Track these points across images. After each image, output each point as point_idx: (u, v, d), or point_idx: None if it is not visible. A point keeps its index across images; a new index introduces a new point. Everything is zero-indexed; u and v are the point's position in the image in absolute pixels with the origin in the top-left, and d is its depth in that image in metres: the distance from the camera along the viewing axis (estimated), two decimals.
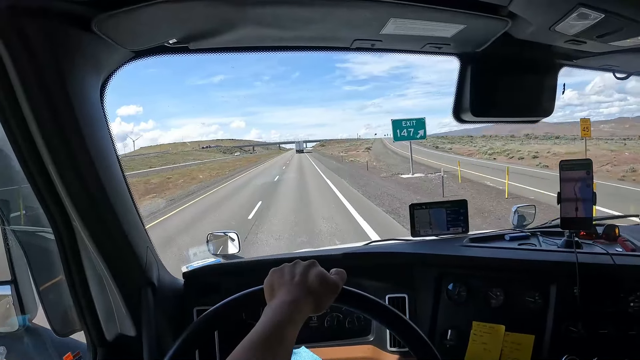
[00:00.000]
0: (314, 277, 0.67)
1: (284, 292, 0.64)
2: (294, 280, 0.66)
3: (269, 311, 0.61)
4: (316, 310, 0.65)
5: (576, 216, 1.13)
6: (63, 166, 0.79)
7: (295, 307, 0.61)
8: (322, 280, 0.67)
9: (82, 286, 0.98)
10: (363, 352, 1.28)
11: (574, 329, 1.08)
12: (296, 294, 0.63)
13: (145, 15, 0.73)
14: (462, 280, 1.21)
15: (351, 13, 0.80)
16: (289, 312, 0.60)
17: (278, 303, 0.62)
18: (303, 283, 0.65)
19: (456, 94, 1.04)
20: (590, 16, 0.75)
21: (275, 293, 0.66)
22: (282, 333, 0.56)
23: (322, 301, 0.66)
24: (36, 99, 0.72)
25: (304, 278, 0.66)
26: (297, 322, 0.60)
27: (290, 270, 0.69)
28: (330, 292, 0.67)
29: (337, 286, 0.68)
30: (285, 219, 9.29)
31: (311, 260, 0.71)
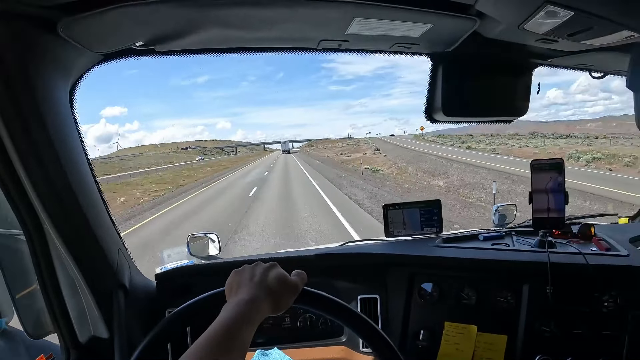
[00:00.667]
0: (273, 278, 0.67)
1: (242, 291, 0.64)
2: (253, 280, 0.66)
3: (225, 309, 0.61)
4: (275, 311, 0.65)
5: (548, 216, 1.13)
6: (32, 170, 0.79)
7: (252, 305, 0.61)
8: (281, 280, 0.67)
9: (55, 289, 0.98)
10: (336, 353, 1.28)
11: (547, 329, 1.08)
12: (254, 293, 0.63)
13: (111, 19, 0.73)
14: (434, 281, 1.21)
15: (315, 13, 0.80)
16: (245, 310, 0.60)
17: (235, 301, 0.62)
18: (262, 283, 0.65)
19: (428, 93, 1.05)
20: (558, 14, 0.75)
21: (234, 292, 0.66)
22: (237, 331, 0.56)
23: (281, 301, 0.66)
24: (3, 102, 0.72)
25: (263, 278, 0.66)
26: (253, 321, 0.60)
27: (250, 270, 0.69)
28: (290, 293, 0.67)
29: (297, 287, 0.69)
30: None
31: (272, 262, 0.71)
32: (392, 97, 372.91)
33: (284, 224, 9.11)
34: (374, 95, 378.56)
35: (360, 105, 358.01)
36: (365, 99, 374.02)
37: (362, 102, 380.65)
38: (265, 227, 8.83)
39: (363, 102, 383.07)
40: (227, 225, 9.12)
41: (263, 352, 1.15)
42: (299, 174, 25.10)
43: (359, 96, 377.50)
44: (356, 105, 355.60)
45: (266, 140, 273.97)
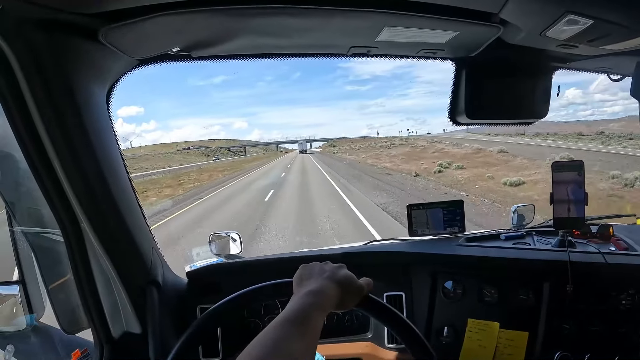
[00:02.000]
0: (342, 275, 0.69)
1: (313, 283, 0.66)
2: (324, 275, 0.68)
3: (295, 298, 0.63)
4: (340, 307, 0.67)
5: (568, 216, 1.15)
6: (71, 170, 0.82)
7: (322, 295, 0.63)
8: (349, 280, 0.69)
9: (90, 285, 1.01)
10: (362, 348, 1.31)
11: (566, 326, 1.11)
12: (324, 284, 0.65)
13: (150, 26, 0.76)
14: (458, 279, 1.23)
15: (347, 22, 0.82)
16: (315, 298, 0.62)
17: (306, 291, 0.64)
18: (332, 278, 0.68)
19: (452, 97, 1.07)
20: (579, 22, 0.77)
21: (304, 284, 0.67)
22: (308, 316, 0.58)
23: (347, 299, 0.68)
24: (45, 106, 0.75)
25: (333, 274, 0.68)
26: (323, 309, 0.61)
27: (320, 266, 0.71)
28: (355, 293, 0.70)
29: (362, 290, 0.71)
30: None
31: (341, 264, 0.73)
32: (408, 97, 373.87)
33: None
34: (390, 95, 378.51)
35: (376, 105, 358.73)
36: (381, 99, 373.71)
37: (378, 102, 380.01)
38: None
39: (379, 102, 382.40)
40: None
41: None
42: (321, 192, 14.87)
43: (375, 96, 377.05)
44: (372, 105, 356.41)
45: (282, 139, 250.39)
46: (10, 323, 1.24)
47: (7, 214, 1.13)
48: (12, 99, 0.75)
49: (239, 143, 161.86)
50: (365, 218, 9.21)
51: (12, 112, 0.77)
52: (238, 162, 57.38)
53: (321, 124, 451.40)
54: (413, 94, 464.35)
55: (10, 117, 0.78)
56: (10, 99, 0.75)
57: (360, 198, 12.90)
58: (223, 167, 42.33)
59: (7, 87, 0.74)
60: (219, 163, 55.75)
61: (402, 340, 0.75)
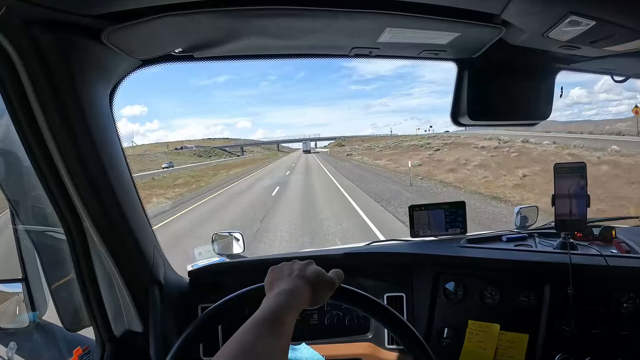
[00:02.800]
0: (311, 272, 0.70)
1: (282, 284, 0.67)
2: (292, 274, 0.69)
3: (267, 299, 0.64)
4: (313, 303, 0.68)
5: (570, 218, 1.15)
6: (74, 169, 0.83)
7: (292, 294, 0.64)
8: (319, 275, 0.71)
9: (92, 284, 1.02)
10: (362, 349, 1.31)
11: (567, 329, 1.10)
12: (294, 284, 0.67)
13: (153, 27, 0.77)
14: (459, 280, 1.23)
15: (349, 23, 0.82)
16: (287, 299, 0.63)
17: (276, 291, 0.65)
18: (300, 276, 0.69)
19: (454, 97, 1.06)
20: (581, 23, 0.76)
21: (274, 285, 0.69)
22: (281, 317, 0.59)
23: (319, 295, 0.69)
24: (48, 106, 0.75)
25: (302, 273, 0.70)
26: (294, 308, 0.62)
27: (289, 266, 0.73)
28: (327, 287, 0.71)
29: (334, 282, 0.72)
30: None
31: (308, 260, 0.74)
32: (412, 96, 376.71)
33: None
34: (395, 95, 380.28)
35: (380, 104, 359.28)
36: (385, 99, 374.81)
37: (382, 101, 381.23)
38: None
39: (383, 102, 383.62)
40: None
41: (292, 347, 1.18)
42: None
43: (379, 95, 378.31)
44: (376, 104, 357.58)
45: (286, 137, 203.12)
46: (13, 320, 1.26)
47: (11, 212, 1.14)
48: (16, 99, 0.76)
49: (241, 142, 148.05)
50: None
51: (16, 112, 0.77)
52: (218, 168, 41.63)
53: (325, 123, 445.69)
54: (417, 94, 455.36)
55: (14, 117, 0.79)
56: (15, 99, 0.76)
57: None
58: (191, 176, 28.51)
59: (11, 87, 0.74)
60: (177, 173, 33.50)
61: (383, 325, 0.76)
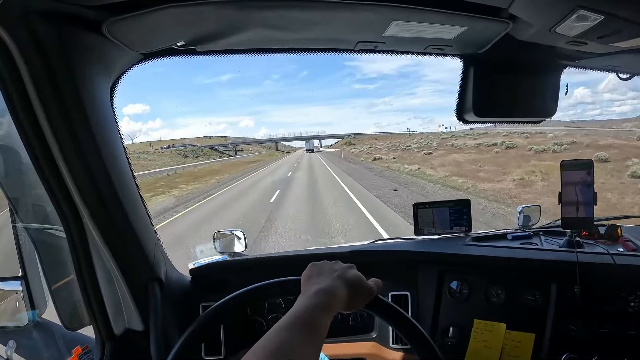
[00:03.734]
0: (352, 276, 0.68)
1: (321, 281, 0.65)
2: (333, 274, 0.67)
3: (304, 297, 0.62)
4: (348, 307, 0.66)
5: (577, 216, 1.14)
6: (74, 165, 0.81)
7: (330, 295, 0.62)
8: (359, 280, 0.68)
9: (92, 282, 1.00)
10: (366, 348, 1.30)
11: (573, 328, 1.09)
12: (333, 284, 0.64)
13: (155, 19, 0.75)
14: (464, 279, 1.22)
15: (355, 16, 0.81)
16: (324, 299, 0.61)
17: (314, 290, 0.63)
18: (341, 277, 0.67)
19: (459, 94, 1.05)
20: (589, 18, 0.76)
21: (312, 282, 0.66)
22: (316, 317, 0.57)
23: (356, 300, 0.67)
24: (48, 99, 0.74)
25: (343, 274, 0.67)
26: (331, 309, 0.60)
27: (330, 265, 0.70)
28: (365, 294, 0.69)
29: (372, 291, 0.70)
30: None
31: (351, 264, 0.72)
32: (416, 95, 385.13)
33: None
34: (398, 94, 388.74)
35: (384, 103, 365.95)
36: (389, 97, 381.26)
37: (385, 100, 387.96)
38: None
39: (387, 101, 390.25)
40: None
41: None
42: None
43: (383, 95, 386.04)
44: (380, 103, 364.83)
45: (286, 135, 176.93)
46: (12, 319, 1.24)
47: (10, 209, 1.12)
48: (14, 92, 0.74)
49: (238, 140, 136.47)
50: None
51: (15, 105, 0.76)
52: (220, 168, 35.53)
53: (329, 122, 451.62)
54: (420, 93, 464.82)
55: (12, 111, 0.77)
56: (13, 93, 0.74)
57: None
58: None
59: (10, 80, 0.73)
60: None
61: (409, 343, 0.74)
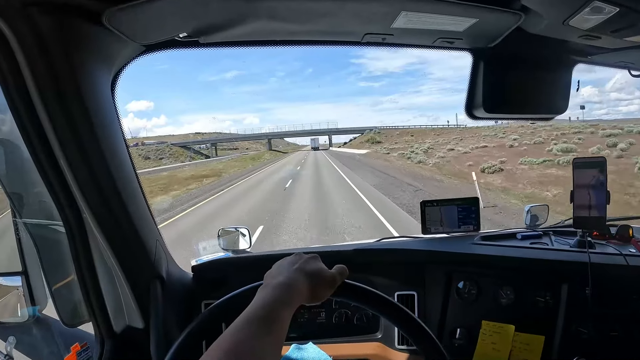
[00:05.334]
0: (312, 267, 0.68)
1: (280, 276, 0.65)
2: (293, 267, 0.67)
3: (263, 291, 0.62)
4: (311, 299, 0.66)
5: (589, 215, 1.11)
6: (74, 159, 0.80)
7: (290, 288, 0.62)
8: (320, 270, 0.69)
9: (92, 278, 0.99)
10: (371, 349, 1.27)
11: (584, 331, 1.07)
12: (292, 277, 0.64)
13: (156, 9, 0.73)
14: (473, 279, 1.20)
15: (362, 6, 0.79)
16: (284, 293, 0.61)
17: (274, 284, 0.63)
18: (301, 270, 0.66)
19: (468, 89, 1.03)
20: (604, 10, 0.73)
21: (272, 277, 0.66)
22: (276, 312, 0.56)
23: (319, 291, 0.67)
24: (47, 92, 0.72)
25: (302, 266, 0.67)
26: (291, 304, 0.60)
27: (291, 259, 0.70)
28: (327, 284, 0.68)
29: (335, 278, 0.69)
30: None
31: (313, 255, 0.72)
32: (421, 93, 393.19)
33: None
34: (404, 92, 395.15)
35: (389, 101, 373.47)
36: (394, 95, 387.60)
37: (391, 98, 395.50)
38: None
39: (392, 99, 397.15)
40: None
41: (298, 347, 1.15)
42: None
43: (388, 92, 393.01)
44: (385, 101, 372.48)
45: (288, 130, 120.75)
46: (12, 314, 1.23)
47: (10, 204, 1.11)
48: (14, 84, 0.73)
49: (223, 137, 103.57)
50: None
51: (14, 99, 0.75)
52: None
53: (334, 120, 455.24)
54: (426, 91, 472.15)
55: (12, 105, 0.76)
56: (13, 86, 0.73)
57: None
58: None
59: (9, 72, 0.71)
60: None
61: (392, 322, 0.73)
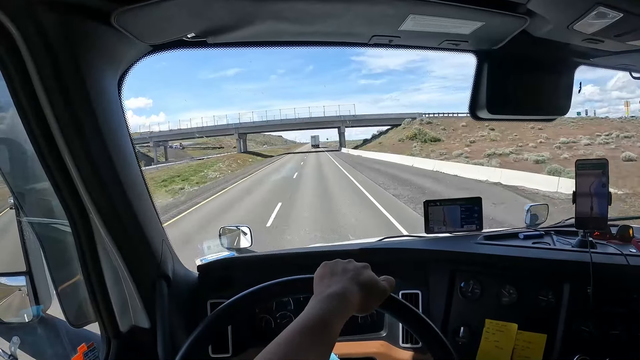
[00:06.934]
0: (366, 277, 0.66)
1: (334, 284, 0.64)
2: (347, 275, 0.66)
3: (316, 300, 0.61)
4: (362, 310, 0.64)
5: (591, 216, 1.12)
6: (80, 159, 0.80)
7: (344, 299, 0.61)
8: (373, 282, 0.67)
9: (98, 278, 0.99)
10: (375, 347, 1.28)
11: (586, 329, 1.08)
12: (347, 287, 0.63)
13: (164, 10, 0.73)
14: (476, 278, 1.21)
15: (370, 8, 0.79)
16: (337, 304, 0.60)
17: (328, 293, 0.61)
18: (355, 279, 0.65)
19: (472, 90, 1.04)
20: (608, 15, 0.74)
21: (325, 283, 0.65)
22: (329, 323, 0.56)
23: (369, 303, 0.66)
24: (54, 91, 0.72)
25: (357, 276, 0.66)
26: (344, 315, 0.59)
27: (344, 265, 0.69)
28: (378, 296, 0.67)
29: (386, 292, 0.68)
30: None
31: (365, 263, 0.71)
32: (422, 91, 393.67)
33: None
34: (405, 90, 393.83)
35: (390, 99, 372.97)
36: (395, 93, 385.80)
37: (392, 96, 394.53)
38: None
39: (393, 96, 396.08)
40: None
41: None
42: None
43: (389, 90, 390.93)
44: (386, 99, 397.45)
45: (281, 118, 59.24)
46: (16, 314, 1.23)
47: (15, 203, 1.11)
48: (20, 84, 0.73)
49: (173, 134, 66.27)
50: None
51: (20, 98, 0.74)
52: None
53: (347, 106, 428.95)
54: (427, 89, 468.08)
55: (17, 104, 0.76)
56: (18, 85, 0.73)
57: None
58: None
59: (15, 72, 0.71)
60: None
61: (422, 342, 0.72)
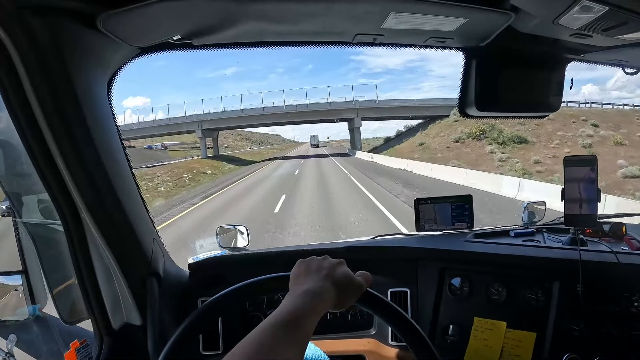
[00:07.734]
0: (341, 274, 0.67)
1: (309, 282, 0.64)
2: (321, 273, 0.66)
3: (291, 297, 0.61)
4: (337, 307, 0.65)
5: (580, 213, 1.11)
6: (71, 160, 0.81)
7: (318, 296, 0.61)
8: (348, 278, 0.67)
9: (90, 276, 1.01)
10: (364, 345, 1.29)
11: (576, 327, 1.07)
12: (321, 284, 0.63)
13: (149, 13, 0.74)
14: (465, 276, 1.20)
15: (352, 7, 0.80)
16: (311, 301, 0.60)
17: (302, 290, 0.62)
18: (329, 277, 0.65)
19: (461, 88, 1.03)
20: (593, 9, 0.74)
21: (300, 281, 0.66)
22: (301, 320, 0.56)
23: (345, 299, 0.66)
24: (44, 95, 0.74)
25: (331, 272, 0.66)
26: (317, 312, 0.60)
27: (319, 263, 0.69)
28: (354, 292, 0.68)
29: (362, 287, 0.69)
30: None
31: (340, 259, 0.71)
32: (422, 90, 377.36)
33: None
34: (404, 89, 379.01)
35: (389, 98, 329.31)
36: (394, 92, 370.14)
37: (391, 95, 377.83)
38: None
39: (392, 95, 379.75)
40: None
41: None
42: None
43: (389, 89, 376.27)
44: (385, 98, 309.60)
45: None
46: (13, 313, 1.25)
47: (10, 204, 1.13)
48: (10, 87, 0.74)
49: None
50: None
51: (12, 101, 0.76)
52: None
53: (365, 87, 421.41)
54: (427, 88, 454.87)
55: (9, 107, 0.77)
56: (9, 88, 0.74)
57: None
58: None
59: (6, 75, 0.73)
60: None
61: (402, 337, 0.72)
